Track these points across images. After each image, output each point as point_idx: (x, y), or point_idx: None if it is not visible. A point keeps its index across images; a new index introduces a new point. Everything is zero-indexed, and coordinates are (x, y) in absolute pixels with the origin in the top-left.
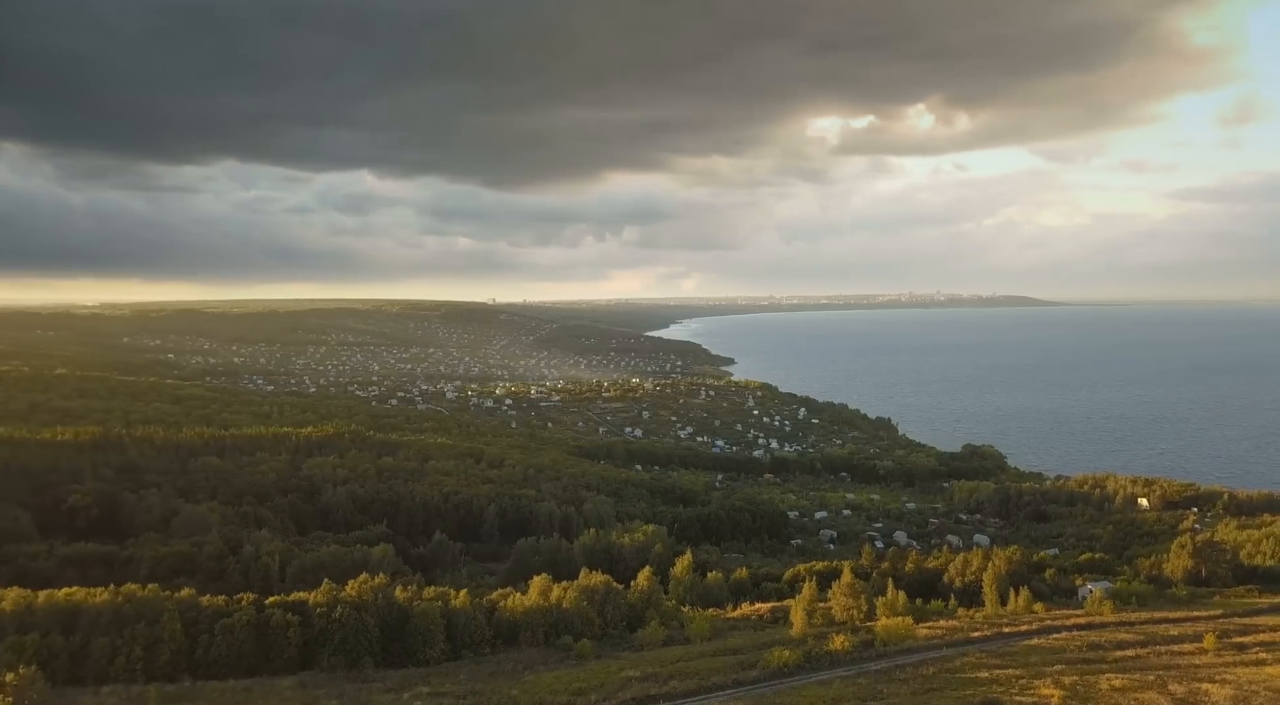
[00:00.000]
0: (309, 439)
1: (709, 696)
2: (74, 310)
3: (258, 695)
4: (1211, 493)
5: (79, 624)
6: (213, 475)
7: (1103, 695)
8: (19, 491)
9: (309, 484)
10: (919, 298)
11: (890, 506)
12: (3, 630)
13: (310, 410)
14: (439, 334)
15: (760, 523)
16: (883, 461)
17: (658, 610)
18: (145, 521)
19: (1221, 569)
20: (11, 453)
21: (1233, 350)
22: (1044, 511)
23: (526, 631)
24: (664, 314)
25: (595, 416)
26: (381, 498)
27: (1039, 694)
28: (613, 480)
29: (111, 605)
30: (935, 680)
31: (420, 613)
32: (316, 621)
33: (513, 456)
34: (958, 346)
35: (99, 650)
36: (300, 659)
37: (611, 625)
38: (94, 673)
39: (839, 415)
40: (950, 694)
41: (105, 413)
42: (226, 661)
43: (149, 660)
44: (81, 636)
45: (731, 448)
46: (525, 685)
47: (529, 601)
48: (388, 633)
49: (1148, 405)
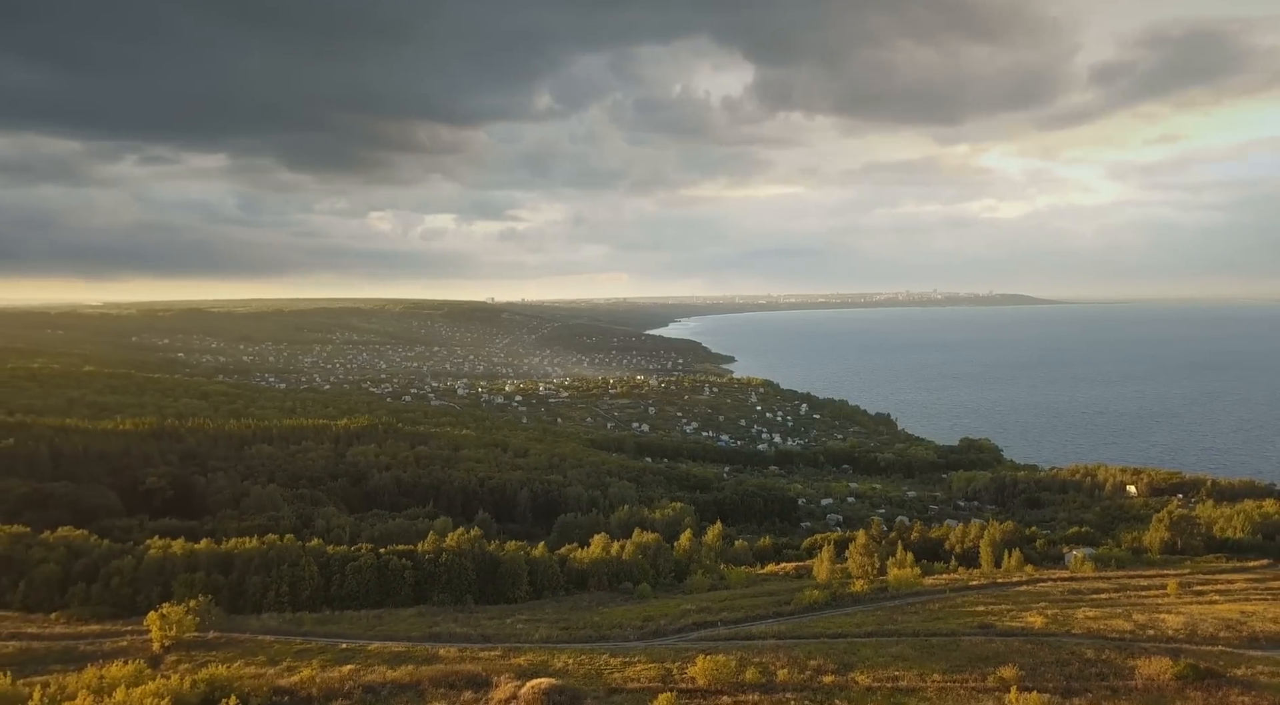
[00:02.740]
0: (347, 430)
1: (755, 622)
2: (81, 309)
3: (387, 620)
4: (1196, 480)
5: (234, 566)
6: (267, 461)
7: (1077, 621)
8: (100, 474)
9: (355, 469)
10: (916, 296)
11: (892, 494)
12: (175, 569)
13: (331, 405)
14: (442, 333)
15: (771, 507)
16: (883, 454)
17: (700, 564)
18: (217, 500)
19: (1195, 540)
20: (88, 441)
21: (1226, 347)
22: (1038, 498)
23: (594, 578)
24: (663, 313)
25: (603, 412)
26: (423, 482)
27: (1025, 621)
28: (631, 469)
29: (259, 551)
30: (940, 612)
31: (508, 560)
32: (426, 565)
33: (535, 447)
34: (954, 344)
35: (253, 586)
36: (414, 595)
37: (663, 575)
38: (250, 604)
39: (840, 411)
40: (953, 620)
41: (139, 408)
42: (356, 596)
43: (294, 594)
44: (237, 575)
45: (736, 442)
46: (601, 615)
47: (594, 554)
48: (482, 576)
49: (1141, 400)
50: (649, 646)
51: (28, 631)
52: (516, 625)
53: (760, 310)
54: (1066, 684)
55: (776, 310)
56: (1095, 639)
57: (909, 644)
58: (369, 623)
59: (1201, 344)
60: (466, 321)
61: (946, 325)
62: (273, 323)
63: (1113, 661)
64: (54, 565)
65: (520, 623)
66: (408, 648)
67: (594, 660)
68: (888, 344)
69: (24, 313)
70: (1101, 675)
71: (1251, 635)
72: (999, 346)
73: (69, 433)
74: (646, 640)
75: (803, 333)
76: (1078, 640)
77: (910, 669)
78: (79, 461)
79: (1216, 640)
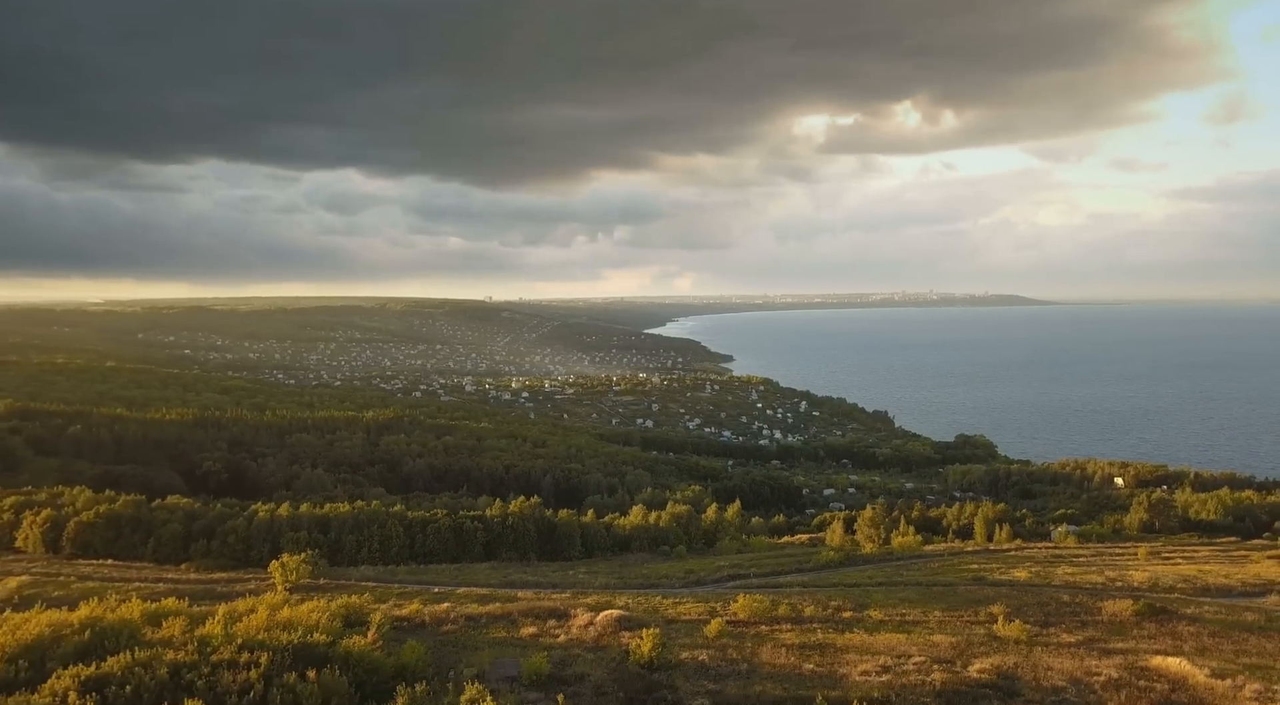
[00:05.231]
0: (376, 421)
1: (781, 576)
2: (86, 307)
3: (466, 572)
4: (1180, 472)
5: (331, 527)
6: (308, 449)
7: (1057, 576)
8: (159, 459)
9: (389, 456)
10: (912, 296)
11: (891, 486)
12: (281, 529)
13: (348, 400)
14: (444, 331)
15: (778, 495)
16: (881, 449)
17: (726, 532)
18: (270, 483)
19: (1171, 521)
20: (144, 429)
21: (1220, 347)
22: (1030, 489)
23: (636, 541)
24: (660, 312)
25: (608, 409)
26: (454, 469)
27: (1013, 575)
28: (644, 459)
29: (351, 514)
30: (939, 569)
31: (563, 524)
32: (495, 527)
33: (551, 439)
34: (951, 344)
35: (348, 543)
36: (485, 553)
37: (694, 541)
38: (347, 558)
39: (838, 408)
40: (950, 574)
41: (164, 401)
42: (436, 553)
43: (384, 550)
44: (334, 535)
45: (738, 438)
46: (648, 569)
47: (634, 521)
48: (541, 538)
49: (1135, 399)
50: (693, 592)
51: (168, 577)
52: (578, 575)
53: (756, 310)
54: (1045, 618)
55: (773, 310)
56: (1071, 588)
57: (914, 591)
58: (452, 573)
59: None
60: (467, 320)
61: (945, 325)
62: (276, 320)
63: (1084, 603)
64: (177, 525)
65: (580, 573)
66: (490, 591)
67: (649, 600)
68: (883, 343)
69: (29, 309)
70: (1074, 612)
71: (1204, 587)
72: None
73: (125, 421)
74: (690, 587)
75: (800, 332)
76: (1056, 589)
77: (915, 608)
78: (139, 447)
79: (1174, 590)
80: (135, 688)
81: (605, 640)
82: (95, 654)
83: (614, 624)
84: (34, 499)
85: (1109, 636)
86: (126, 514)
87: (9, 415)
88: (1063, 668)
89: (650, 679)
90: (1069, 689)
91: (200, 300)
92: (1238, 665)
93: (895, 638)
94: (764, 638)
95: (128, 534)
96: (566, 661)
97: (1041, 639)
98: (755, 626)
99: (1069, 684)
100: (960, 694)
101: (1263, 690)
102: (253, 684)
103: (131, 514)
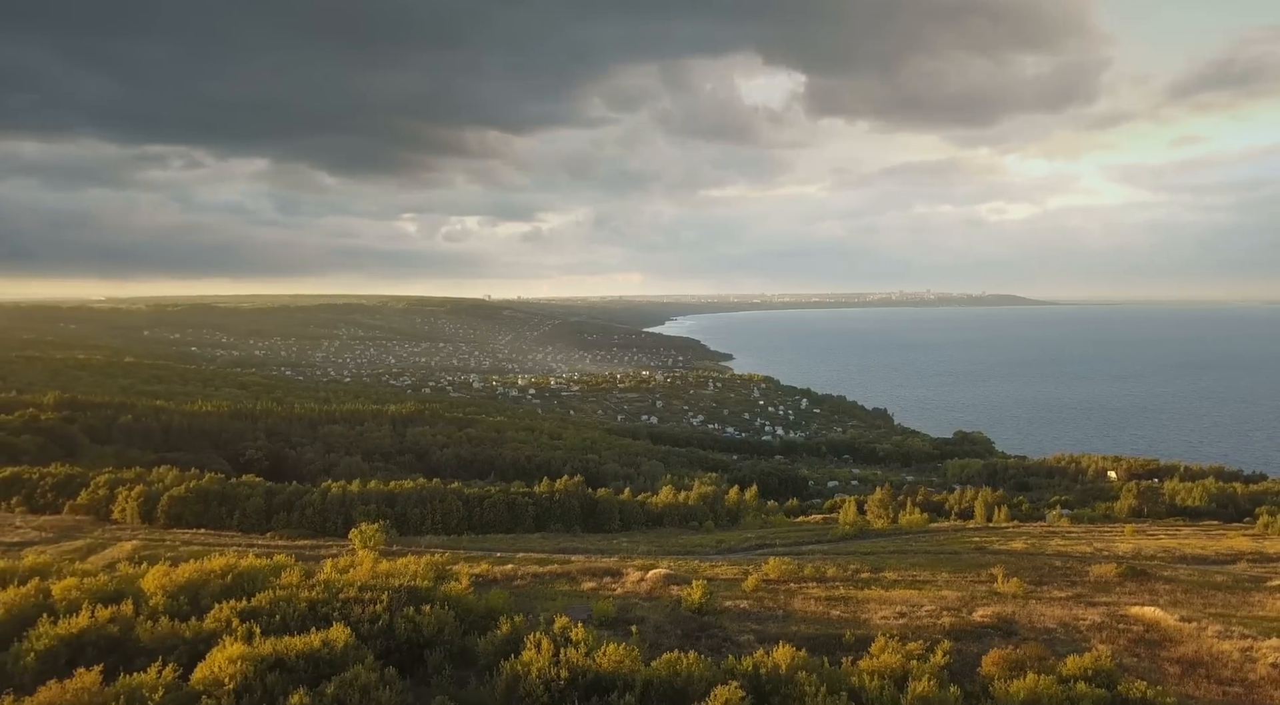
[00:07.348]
0: (400, 414)
1: (803, 545)
2: (90, 304)
3: (521, 540)
4: (1170, 466)
5: (396, 501)
6: (340, 439)
7: (1050, 547)
8: (205, 447)
9: (417, 447)
10: (909, 296)
11: (892, 479)
12: (353, 503)
13: (362, 396)
14: (446, 329)
15: (785, 485)
16: (882, 445)
17: (747, 511)
18: (309, 470)
19: (1159, 508)
20: (188, 419)
21: (1215, 348)
22: (1026, 482)
23: (667, 517)
24: (659, 311)
25: (613, 405)
26: (479, 459)
27: (1010, 546)
28: (656, 452)
29: (414, 490)
30: (945, 541)
31: (604, 499)
32: (543, 502)
33: (566, 432)
34: (949, 343)
35: (414, 516)
36: (534, 525)
37: (720, 518)
38: (413, 529)
39: (838, 406)
40: (955, 544)
41: (186, 396)
42: (492, 524)
43: (445, 522)
44: (400, 509)
45: (741, 434)
46: (683, 539)
47: (665, 499)
48: (584, 512)
49: (1130, 398)
50: (726, 557)
51: (258, 543)
52: (620, 544)
53: (756, 309)
54: (1039, 578)
55: (772, 309)
56: (1063, 556)
57: (923, 557)
58: (509, 542)
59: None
60: (469, 318)
61: (942, 325)
62: (279, 318)
63: (1073, 567)
64: (259, 499)
65: (623, 543)
66: (546, 556)
67: (688, 564)
68: (882, 342)
69: (35, 307)
70: (1065, 574)
71: (1182, 556)
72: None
73: (170, 413)
74: (722, 554)
75: (799, 332)
76: (1049, 557)
77: (925, 570)
78: (185, 436)
79: (1154, 558)
80: (282, 617)
81: (657, 592)
82: (236, 594)
83: (663, 580)
84: (123, 477)
85: (1094, 593)
86: (213, 489)
87: (60, 406)
88: (1054, 615)
89: (701, 621)
90: (1058, 630)
91: (201, 298)
92: (1204, 614)
93: (909, 592)
94: (794, 592)
95: (215, 507)
96: (627, 607)
97: (1036, 594)
98: (785, 584)
99: (1059, 626)
100: (966, 632)
101: (1222, 630)
102: (379, 615)
103: (218, 489)
